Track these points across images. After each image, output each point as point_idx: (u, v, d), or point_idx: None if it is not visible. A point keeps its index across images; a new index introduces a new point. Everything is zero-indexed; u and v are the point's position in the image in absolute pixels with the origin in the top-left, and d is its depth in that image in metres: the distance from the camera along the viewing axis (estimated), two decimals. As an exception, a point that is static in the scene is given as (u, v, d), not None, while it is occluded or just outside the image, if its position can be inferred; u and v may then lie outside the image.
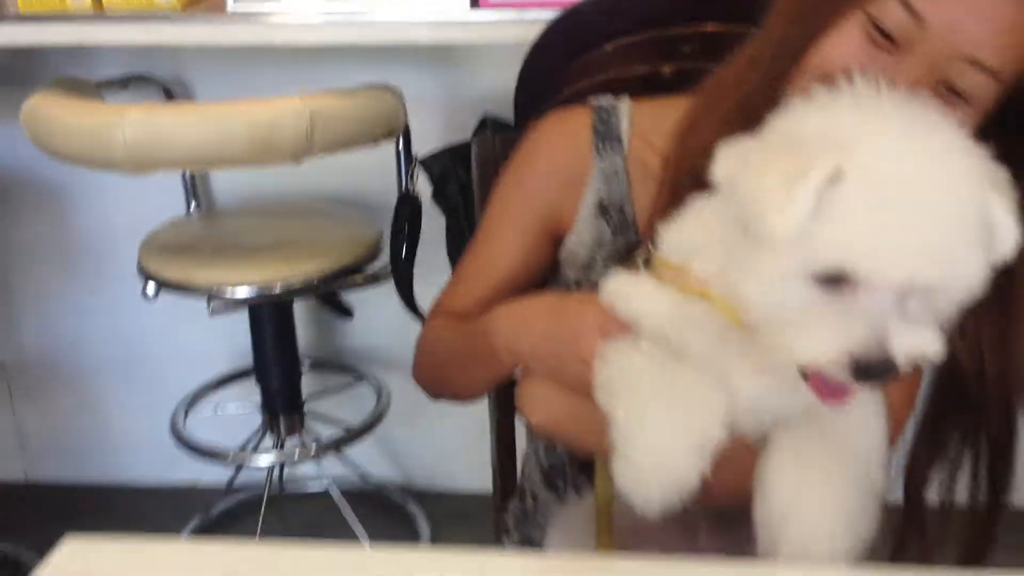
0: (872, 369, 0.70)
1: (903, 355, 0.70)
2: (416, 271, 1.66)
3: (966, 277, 0.72)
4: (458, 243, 1.83)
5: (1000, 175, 0.74)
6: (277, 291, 1.83)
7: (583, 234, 1.09)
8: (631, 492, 0.80)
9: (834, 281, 0.71)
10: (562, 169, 1.09)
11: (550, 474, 1.19)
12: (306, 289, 1.87)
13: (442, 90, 2.07)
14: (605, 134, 1.08)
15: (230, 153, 1.63)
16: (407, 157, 1.90)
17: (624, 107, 1.09)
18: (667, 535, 0.90)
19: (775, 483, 0.82)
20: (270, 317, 2.04)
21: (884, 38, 0.84)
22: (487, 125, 1.77)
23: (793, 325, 0.73)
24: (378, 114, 1.75)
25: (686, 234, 0.89)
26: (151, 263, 1.88)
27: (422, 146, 1.68)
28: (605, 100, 1.10)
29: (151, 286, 1.88)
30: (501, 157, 1.21)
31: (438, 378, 1.18)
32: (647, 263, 0.92)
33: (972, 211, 0.70)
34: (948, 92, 0.84)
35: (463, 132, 1.78)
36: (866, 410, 0.85)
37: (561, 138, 1.11)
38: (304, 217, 2.09)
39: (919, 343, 0.71)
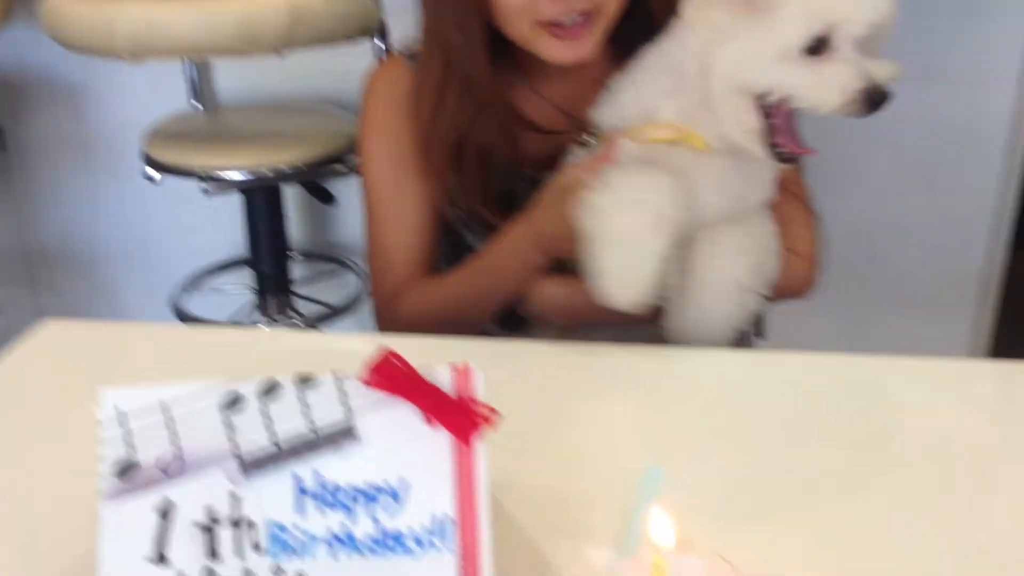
0: (877, 96, 0.94)
1: (885, 81, 0.94)
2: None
3: (888, 18, 0.96)
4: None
5: None
6: (266, 174, 2.03)
7: None
8: (607, 285, 0.99)
9: (815, 49, 0.94)
10: (404, 102, 1.22)
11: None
12: (292, 174, 2.05)
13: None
14: None
15: (218, 43, 1.81)
16: (386, 53, 2.07)
17: None
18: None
19: (707, 252, 1.06)
20: (262, 203, 2.22)
21: None
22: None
23: (805, 88, 0.95)
24: (353, 11, 1.92)
25: (630, 104, 1.09)
26: (154, 150, 2.08)
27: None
28: (406, 45, 1.27)
29: (153, 171, 2.08)
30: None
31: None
32: (587, 146, 1.13)
33: None
34: None
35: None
36: (767, 222, 1.10)
37: (393, 81, 1.24)
38: (294, 113, 2.28)
39: (885, 70, 0.95)
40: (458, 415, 0.66)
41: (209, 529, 0.65)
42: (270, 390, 0.66)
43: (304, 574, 0.64)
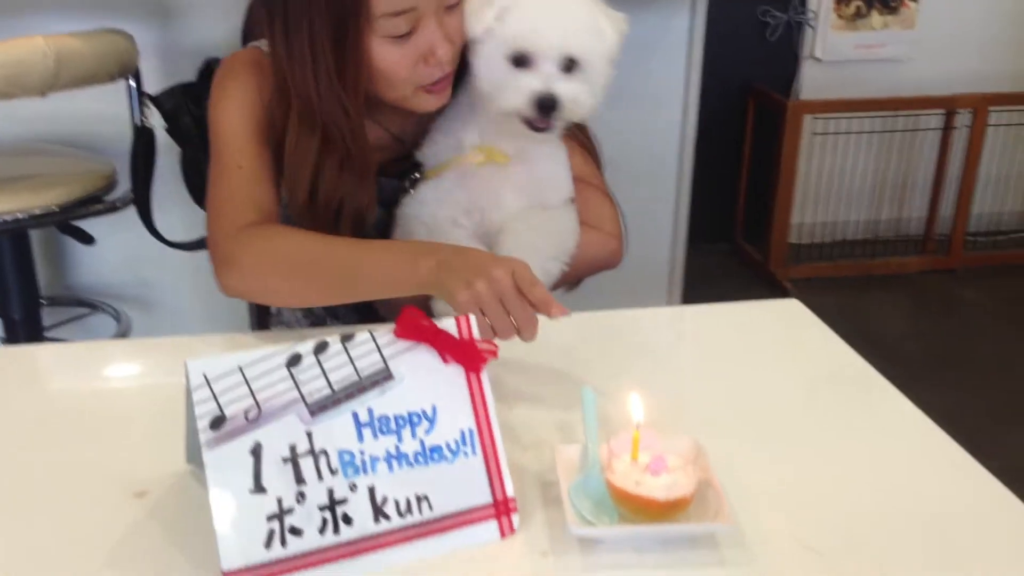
0: (546, 103, 1.18)
1: (563, 96, 1.19)
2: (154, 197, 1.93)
3: (596, 55, 1.21)
4: (196, 169, 2.10)
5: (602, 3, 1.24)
6: (23, 218, 2.01)
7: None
8: None
9: (520, 62, 1.19)
10: (264, 88, 1.29)
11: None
12: (50, 217, 2.05)
13: (168, 37, 2.32)
14: None
15: (-18, 87, 1.81)
16: (140, 95, 2.14)
17: None
18: None
19: (510, 230, 1.29)
20: (8, 249, 2.19)
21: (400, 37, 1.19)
22: (212, 66, 2.04)
23: (503, 90, 1.20)
24: (113, 53, 1.99)
25: (441, 140, 1.31)
26: None
27: (151, 88, 1.94)
28: (261, 43, 1.34)
29: None
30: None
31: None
32: (416, 183, 1.33)
33: (589, 16, 1.21)
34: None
35: (188, 75, 2.05)
36: (567, 209, 1.34)
37: (253, 67, 1.30)
38: (40, 156, 2.26)
39: (574, 90, 1.20)
40: (467, 352, 0.86)
41: (293, 461, 0.80)
42: (321, 348, 0.83)
43: (372, 485, 0.82)
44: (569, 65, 1.20)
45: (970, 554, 0.85)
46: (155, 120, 2.06)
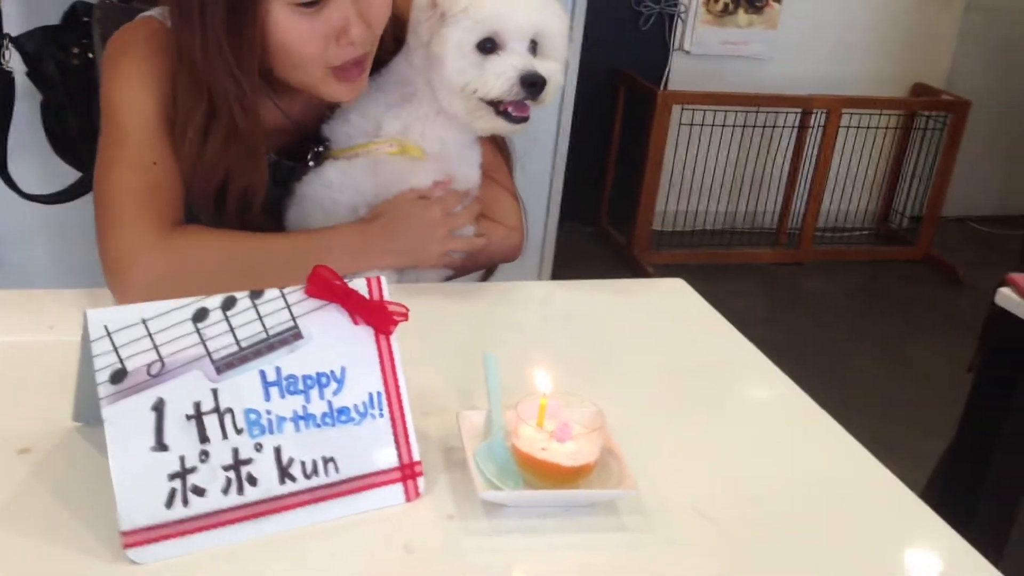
0: (532, 79, 1.17)
1: (544, 73, 1.18)
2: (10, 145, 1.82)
3: (560, 30, 1.21)
4: (57, 117, 1.99)
5: None
6: None
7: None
8: None
9: (488, 48, 1.18)
10: (165, 68, 1.19)
11: None
12: None
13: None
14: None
15: None
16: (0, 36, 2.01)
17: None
18: None
19: None
20: None
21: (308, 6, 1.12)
22: (79, 10, 1.94)
23: (482, 78, 1.18)
24: (-25, -10, 1.86)
25: (356, 120, 1.27)
26: None
27: (11, 29, 1.83)
28: (156, 12, 1.24)
29: None
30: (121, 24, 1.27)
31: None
32: (319, 158, 1.28)
33: None
34: None
35: (52, 18, 1.95)
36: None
37: (151, 43, 1.21)
38: None
39: (551, 68, 1.19)
40: (377, 314, 0.85)
41: (197, 419, 0.77)
42: (229, 304, 0.80)
43: (278, 446, 0.80)
44: (533, 47, 1.20)
45: (847, 517, 0.89)
46: (15, 63, 1.95)
